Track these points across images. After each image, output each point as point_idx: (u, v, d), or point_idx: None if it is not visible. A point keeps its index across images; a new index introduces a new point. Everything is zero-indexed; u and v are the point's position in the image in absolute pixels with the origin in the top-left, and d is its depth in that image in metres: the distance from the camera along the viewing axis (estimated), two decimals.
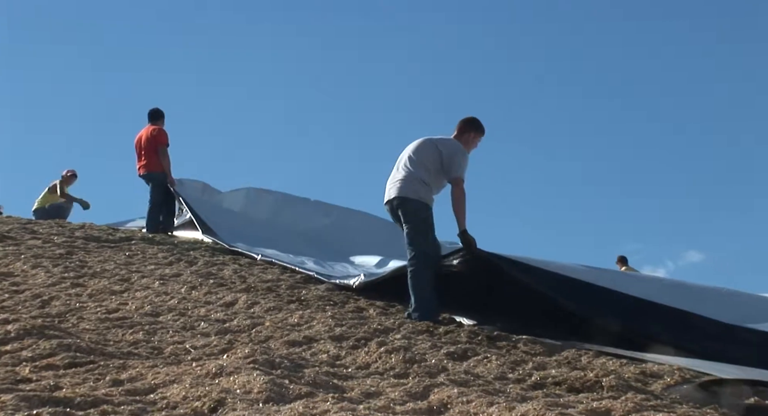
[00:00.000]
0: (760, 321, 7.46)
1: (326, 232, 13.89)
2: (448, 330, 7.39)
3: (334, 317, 7.68)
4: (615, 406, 5.24)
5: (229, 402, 4.78)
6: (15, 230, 12.59)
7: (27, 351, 5.91)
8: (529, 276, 7.84)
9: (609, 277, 8.04)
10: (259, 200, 14.83)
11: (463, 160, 8.01)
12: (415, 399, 5.13)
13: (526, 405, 4.88)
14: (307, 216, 14.41)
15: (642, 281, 8.28)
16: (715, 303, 7.72)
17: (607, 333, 7.48)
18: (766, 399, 5.79)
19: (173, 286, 9.04)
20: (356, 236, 13.25)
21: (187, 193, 13.77)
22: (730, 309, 7.61)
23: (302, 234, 13.53)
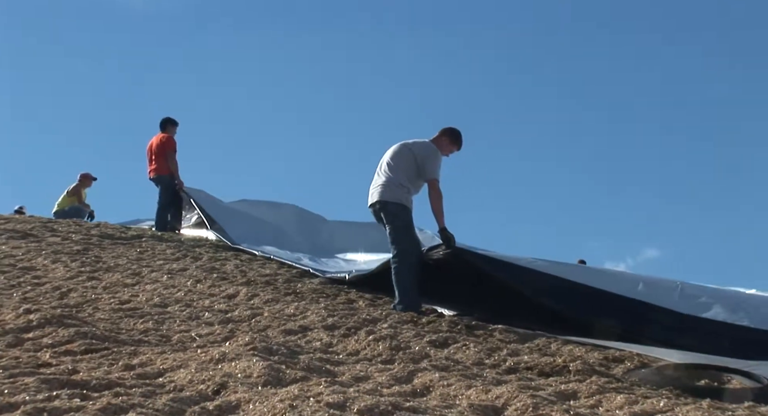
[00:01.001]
0: (712, 311, 7.47)
1: (320, 231, 13.89)
2: (430, 320, 7.40)
3: (326, 308, 7.68)
4: (581, 389, 5.25)
5: (231, 385, 4.78)
6: (37, 228, 12.56)
7: (47, 338, 5.89)
8: (502, 271, 7.86)
9: (576, 271, 8.05)
10: (257, 206, 14.78)
11: (436, 162, 8.00)
12: (401, 382, 5.14)
13: (500, 388, 4.88)
14: (303, 219, 14.40)
15: (605, 275, 8.28)
16: (671, 295, 7.73)
17: (575, 323, 7.50)
18: (715, 380, 5.82)
19: (180, 280, 9.03)
20: (347, 238, 13.21)
21: (194, 195, 13.76)
22: (684, 301, 7.63)
23: (299, 233, 13.50)
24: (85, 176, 17.39)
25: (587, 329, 7.29)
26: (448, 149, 8.33)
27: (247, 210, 14.22)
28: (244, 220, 13.52)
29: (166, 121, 13.88)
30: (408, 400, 4.66)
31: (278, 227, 13.61)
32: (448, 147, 8.33)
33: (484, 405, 4.60)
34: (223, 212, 13.54)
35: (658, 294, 7.69)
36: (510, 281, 7.82)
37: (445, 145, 8.28)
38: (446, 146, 8.29)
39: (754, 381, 5.68)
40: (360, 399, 4.45)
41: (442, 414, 4.43)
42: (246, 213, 14.01)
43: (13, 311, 6.59)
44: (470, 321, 7.45)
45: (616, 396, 5.02)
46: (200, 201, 13.55)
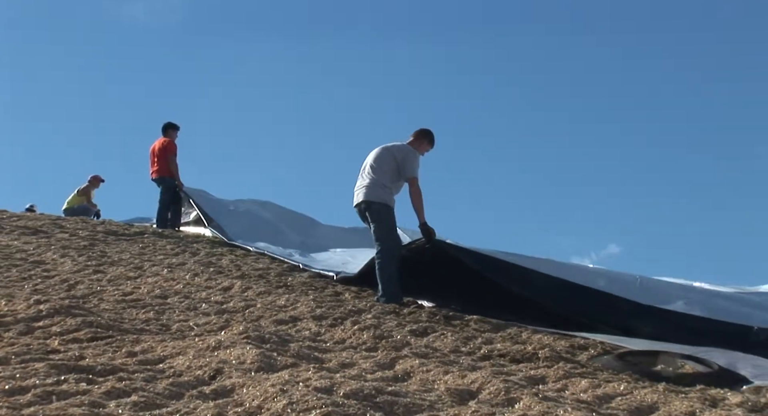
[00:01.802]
0: (668, 302, 7.51)
1: (312, 232, 13.87)
2: (411, 311, 7.41)
3: (315, 300, 7.68)
4: (549, 373, 5.28)
5: (226, 370, 4.78)
6: (46, 225, 12.52)
7: (56, 326, 5.88)
8: (479, 263, 7.88)
9: (546, 264, 8.06)
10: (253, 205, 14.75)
11: (414, 161, 8.04)
12: (384, 368, 5.14)
13: (475, 373, 4.90)
14: (296, 220, 14.39)
15: (572, 269, 8.30)
16: (632, 287, 7.77)
17: (544, 312, 7.53)
18: (670, 366, 5.86)
19: (179, 273, 9.01)
20: (335, 239, 13.18)
21: (193, 194, 13.74)
22: (643, 292, 7.66)
23: (291, 232, 13.47)
24: (95, 178, 17.61)
25: (556, 317, 7.33)
26: (424, 148, 8.42)
27: (245, 209, 14.19)
28: (240, 218, 13.49)
29: (168, 125, 13.89)
30: (390, 385, 4.67)
31: (273, 225, 13.59)
32: (424, 147, 8.42)
33: (460, 389, 4.61)
34: (220, 210, 13.53)
35: (620, 286, 7.74)
36: (486, 273, 7.84)
37: (423, 146, 8.34)
38: (422, 146, 8.36)
39: (706, 366, 5.73)
40: (346, 383, 4.45)
41: (422, 397, 4.44)
42: (242, 212, 13.98)
43: (24, 301, 6.57)
44: (448, 312, 7.47)
45: (580, 381, 5.05)
46: (199, 200, 13.55)
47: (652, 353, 6.12)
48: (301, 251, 11.51)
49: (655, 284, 8.02)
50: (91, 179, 17.54)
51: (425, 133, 8.42)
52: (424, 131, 8.43)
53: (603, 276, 8.04)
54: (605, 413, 4.36)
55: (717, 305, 7.56)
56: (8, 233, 11.50)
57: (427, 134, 8.43)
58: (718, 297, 7.91)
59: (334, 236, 13.49)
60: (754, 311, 7.54)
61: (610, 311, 7.47)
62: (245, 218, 13.59)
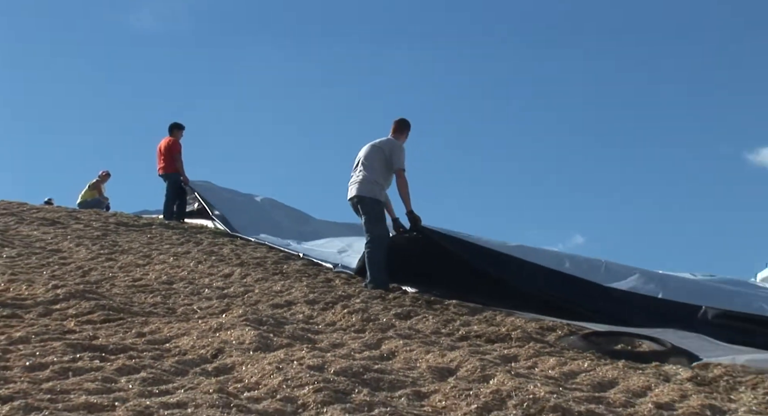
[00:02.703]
0: (629, 285, 7.51)
1: (305, 223, 13.82)
2: (396, 296, 7.42)
3: (308, 286, 7.68)
4: (521, 352, 5.31)
5: (226, 350, 4.78)
6: (63, 217, 12.47)
7: (72, 309, 5.88)
8: (459, 247, 7.89)
9: (520, 250, 8.04)
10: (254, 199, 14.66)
11: (401, 154, 8.04)
12: (371, 348, 5.16)
13: (454, 353, 4.92)
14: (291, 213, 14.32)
15: (542, 254, 8.24)
16: (597, 271, 7.76)
17: (517, 295, 7.52)
18: (629, 345, 5.89)
19: (184, 261, 9.00)
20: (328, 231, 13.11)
21: (199, 187, 13.68)
22: (608, 275, 7.66)
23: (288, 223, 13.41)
24: (105, 173, 17.62)
25: (528, 301, 7.34)
26: (405, 137, 8.40)
27: (246, 201, 14.10)
28: (242, 209, 13.42)
29: (174, 126, 13.83)
30: (376, 363, 4.69)
31: (271, 217, 13.52)
32: (405, 136, 8.40)
33: (440, 367, 4.63)
34: (223, 202, 13.46)
35: (586, 270, 7.73)
36: (465, 256, 7.85)
37: (402, 135, 8.34)
38: (403, 135, 8.36)
39: (661, 345, 5.78)
40: (336, 362, 4.47)
41: (405, 374, 4.46)
42: (244, 203, 13.89)
43: (43, 286, 6.56)
44: (429, 297, 7.49)
45: (549, 359, 5.08)
46: (204, 193, 13.48)
47: (613, 333, 6.16)
48: (298, 240, 11.48)
49: (616, 268, 8.02)
50: (101, 175, 17.61)
51: (403, 123, 8.40)
52: (402, 121, 8.41)
53: (569, 259, 8.05)
54: (571, 388, 4.39)
55: (669, 287, 7.57)
56: (28, 223, 11.46)
57: (405, 124, 8.42)
58: (670, 279, 7.93)
59: (327, 229, 13.44)
60: (703, 292, 7.56)
61: (577, 292, 7.46)
62: (246, 209, 13.53)
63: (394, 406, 3.78)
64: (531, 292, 7.56)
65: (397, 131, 8.32)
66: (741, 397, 4.50)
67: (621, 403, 4.14)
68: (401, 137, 8.29)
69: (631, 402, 4.18)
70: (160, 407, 3.55)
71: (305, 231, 12.84)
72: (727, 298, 7.53)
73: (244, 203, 13.93)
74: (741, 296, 7.77)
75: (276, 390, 3.95)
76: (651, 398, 4.25)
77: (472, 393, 4.01)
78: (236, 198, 14.11)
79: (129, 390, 3.90)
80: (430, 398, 4.06)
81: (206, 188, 13.76)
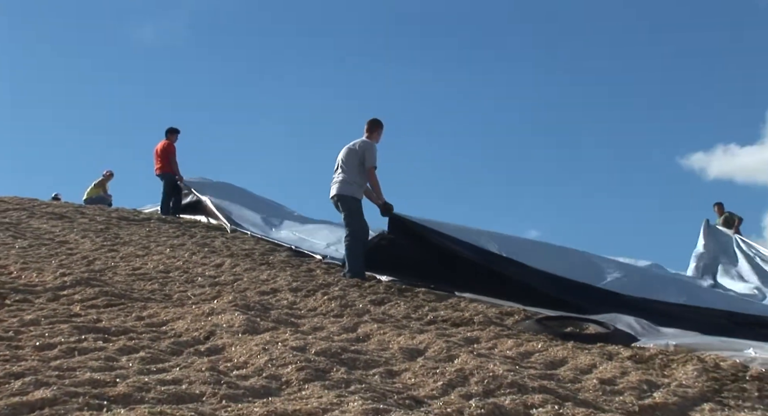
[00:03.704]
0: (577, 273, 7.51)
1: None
2: (371, 284, 7.43)
3: (292, 275, 7.68)
4: (482, 335, 5.35)
5: (218, 332, 4.78)
6: (70, 211, 12.37)
7: (78, 295, 5.85)
8: (429, 232, 7.88)
9: (483, 235, 8.01)
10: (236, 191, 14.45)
11: (373, 153, 8.00)
12: (348, 331, 5.18)
13: (423, 335, 4.95)
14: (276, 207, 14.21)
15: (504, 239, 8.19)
16: (548, 258, 7.76)
17: (477, 281, 7.51)
18: (577, 328, 5.95)
19: (179, 252, 8.96)
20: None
21: (194, 185, 13.58)
22: (558, 264, 7.67)
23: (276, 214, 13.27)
24: (109, 173, 17.55)
25: (486, 287, 7.37)
26: (379, 136, 8.34)
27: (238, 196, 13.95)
28: (235, 202, 13.29)
29: (169, 130, 13.76)
30: (353, 345, 4.71)
31: (260, 209, 13.40)
32: (379, 135, 8.34)
33: (410, 348, 4.66)
34: (217, 193, 13.34)
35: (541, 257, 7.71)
36: (434, 240, 7.82)
37: (374, 134, 8.28)
38: (376, 135, 8.31)
39: (605, 328, 5.84)
40: (316, 343, 4.49)
41: (379, 355, 4.48)
42: (236, 196, 13.75)
43: (51, 274, 6.52)
44: (401, 285, 7.50)
45: (507, 341, 5.13)
46: (199, 189, 13.37)
47: (563, 318, 6.22)
48: (283, 225, 11.41)
49: (570, 254, 8.01)
50: (105, 174, 17.54)
51: (374, 123, 8.33)
52: (373, 121, 8.33)
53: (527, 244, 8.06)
54: (526, 366, 4.44)
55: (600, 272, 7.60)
56: (39, 217, 11.36)
57: (376, 123, 8.34)
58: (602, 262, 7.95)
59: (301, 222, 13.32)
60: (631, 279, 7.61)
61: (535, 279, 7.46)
62: (239, 202, 13.41)
63: (368, 383, 3.80)
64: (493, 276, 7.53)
65: (370, 130, 8.27)
66: (673, 373, 4.57)
67: (570, 379, 4.20)
68: (374, 136, 8.25)
69: (578, 378, 4.24)
70: (157, 383, 3.55)
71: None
72: (661, 286, 7.64)
73: (238, 193, 13.78)
74: (676, 283, 7.88)
75: (262, 368, 3.96)
76: (596, 374, 4.31)
77: (438, 371, 4.04)
78: (229, 189, 13.95)
79: (129, 368, 3.89)
80: (401, 376, 4.08)
81: (201, 184, 13.66)
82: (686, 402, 3.86)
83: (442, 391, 3.76)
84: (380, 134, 8.37)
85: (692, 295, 7.62)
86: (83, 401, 3.23)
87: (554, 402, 3.58)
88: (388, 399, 3.51)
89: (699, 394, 4.03)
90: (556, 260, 7.74)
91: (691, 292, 7.92)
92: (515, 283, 7.42)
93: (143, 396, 3.37)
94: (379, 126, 8.35)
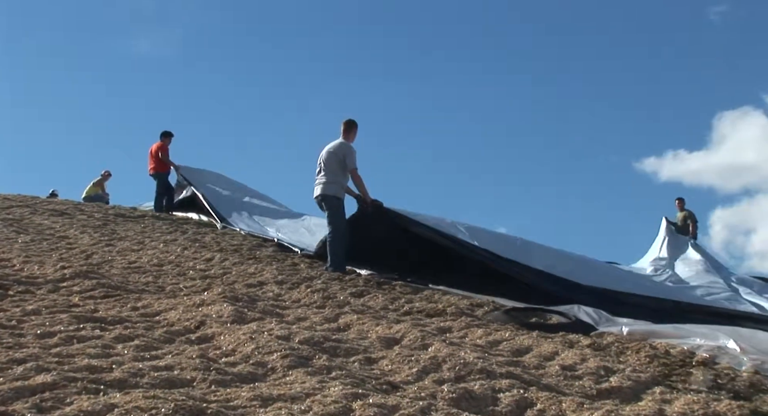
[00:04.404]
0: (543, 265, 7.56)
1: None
2: (352, 278, 7.43)
3: (277, 269, 7.67)
4: (454, 325, 5.37)
5: (208, 322, 4.77)
6: (70, 208, 12.27)
7: (77, 286, 5.81)
8: (411, 224, 7.82)
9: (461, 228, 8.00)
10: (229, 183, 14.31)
11: (352, 155, 7.94)
12: (330, 321, 5.18)
13: (399, 325, 4.97)
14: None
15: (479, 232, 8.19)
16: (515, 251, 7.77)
17: (451, 271, 7.52)
18: (542, 318, 5.99)
19: (172, 247, 8.92)
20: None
21: (191, 177, 13.46)
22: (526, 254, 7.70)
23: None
24: (107, 173, 17.45)
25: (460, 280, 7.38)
26: (354, 136, 8.26)
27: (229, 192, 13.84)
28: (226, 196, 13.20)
29: (164, 133, 13.73)
30: (334, 334, 4.72)
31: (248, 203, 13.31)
32: (354, 135, 8.26)
33: (387, 337, 4.67)
34: (212, 192, 13.24)
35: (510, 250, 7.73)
36: (416, 230, 7.76)
37: (349, 136, 8.20)
38: (352, 136, 8.23)
39: (566, 318, 5.89)
40: (300, 333, 4.49)
41: (358, 343, 4.50)
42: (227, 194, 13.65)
43: (52, 267, 6.47)
44: (379, 278, 7.52)
45: (477, 330, 5.16)
46: (194, 182, 13.25)
47: (529, 309, 6.25)
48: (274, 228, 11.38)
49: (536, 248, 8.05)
50: (103, 174, 17.44)
51: (350, 124, 8.24)
52: (348, 122, 8.24)
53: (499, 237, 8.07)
54: (494, 354, 4.47)
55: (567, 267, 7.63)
56: (40, 214, 11.26)
57: (351, 124, 8.26)
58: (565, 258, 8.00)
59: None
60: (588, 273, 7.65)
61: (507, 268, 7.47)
62: (229, 199, 13.32)
63: (348, 370, 3.81)
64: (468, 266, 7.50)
65: (346, 131, 8.23)
66: (627, 359, 4.64)
67: (534, 366, 4.24)
68: (350, 136, 8.20)
69: (542, 364, 4.28)
70: (151, 369, 3.54)
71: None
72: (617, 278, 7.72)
73: (228, 183, 13.67)
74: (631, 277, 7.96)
75: (249, 356, 3.96)
76: (558, 361, 4.35)
77: (413, 358, 4.06)
78: (220, 179, 13.83)
79: (125, 355, 3.88)
80: (378, 363, 4.10)
81: (192, 171, 13.53)
82: (639, 386, 3.91)
83: (416, 377, 3.79)
84: (356, 134, 8.32)
85: (644, 286, 7.71)
86: (81, 385, 3.22)
87: (520, 387, 3.61)
88: (367, 385, 3.53)
89: (651, 378, 4.08)
90: (525, 253, 7.74)
91: (642, 283, 8.02)
92: (492, 273, 7.40)
93: (138, 381, 3.37)
94: (354, 127, 8.30)
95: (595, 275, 7.57)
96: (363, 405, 3.14)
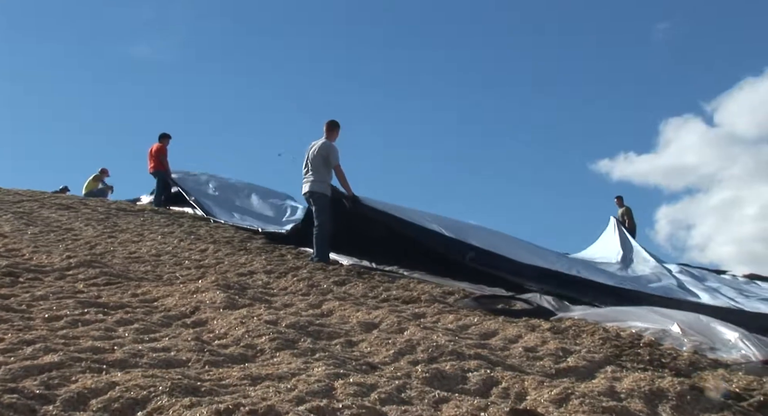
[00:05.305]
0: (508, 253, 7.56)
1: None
2: (335, 268, 7.44)
3: (266, 259, 7.66)
4: (428, 311, 5.40)
5: (202, 308, 4.76)
6: (75, 203, 12.13)
7: (81, 274, 5.77)
8: (391, 220, 7.74)
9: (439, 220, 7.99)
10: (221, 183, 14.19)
11: (334, 154, 7.90)
12: (314, 308, 5.19)
13: (377, 311, 4.99)
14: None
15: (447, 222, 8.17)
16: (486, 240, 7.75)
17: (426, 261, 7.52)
18: (507, 305, 6.03)
19: (169, 239, 8.86)
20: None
21: (180, 181, 13.39)
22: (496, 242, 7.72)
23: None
24: (103, 170, 17.26)
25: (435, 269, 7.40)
26: (336, 135, 8.20)
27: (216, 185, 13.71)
28: (212, 197, 13.12)
29: (162, 135, 13.62)
30: (318, 319, 4.73)
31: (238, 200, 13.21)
32: (336, 135, 8.20)
33: (367, 322, 4.69)
34: (199, 190, 13.16)
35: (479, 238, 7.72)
36: (393, 225, 7.70)
37: (332, 135, 8.15)
38: (334, 135, 8.17)
39: (529, 304, 5.94)
40: (287, 318, 4.50)
41: (340, 327, 4.51)
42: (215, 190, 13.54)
43: (59, 256, 6.41)
44: (359, 268, 7.53)
45: (449, 315, 5.19)
46: (184, 184, 13.17)
47: (496, 296, 6.30)
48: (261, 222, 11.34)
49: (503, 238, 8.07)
50: (101, 170, 17.23)
51: (332, 124, 8.19)
52: (330, 123, 8.19)
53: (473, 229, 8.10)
54: (464, 337, 4.50)
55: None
56: (48, 208, 11.13)
57: (333, 124, 8.22)
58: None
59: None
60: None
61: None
62: (218, 195, 13.21)
63: (331, 351, 3.82)
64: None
65: (329, 131, 8.19)
66: (583, 341, 4.69)
67: (500, 347, 4.28)
68: (333, 135, 8.15)
69: (507, 346, 4.32)
70: (149, 350, 3.54)
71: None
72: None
73: (216, 189, 13.58)
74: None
75: (240, 338, 3.96)
76: (521, 343, 4.39)
77: (390, 341, 4.09)
78: (211, 181, 13.73)
79: (125, 337, 3.87)
80: (359, 345, 4.12)
81: (185, 179, 13.46)
82: (593, 366, 3.96)
83: (393, 358, 3.81)
84: (338, 133, 8.29)
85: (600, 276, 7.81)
86: (85, 365, 3.21)
87: (487, 367, 3.65)
88: (348, 365, 3.54)
89: (603, 358, 4.14)
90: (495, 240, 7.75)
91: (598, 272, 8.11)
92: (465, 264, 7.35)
93: (137, 361, 3.36)
94: (337, 127, 8.27)
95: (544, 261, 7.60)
96: (344, 383, 3.16)
